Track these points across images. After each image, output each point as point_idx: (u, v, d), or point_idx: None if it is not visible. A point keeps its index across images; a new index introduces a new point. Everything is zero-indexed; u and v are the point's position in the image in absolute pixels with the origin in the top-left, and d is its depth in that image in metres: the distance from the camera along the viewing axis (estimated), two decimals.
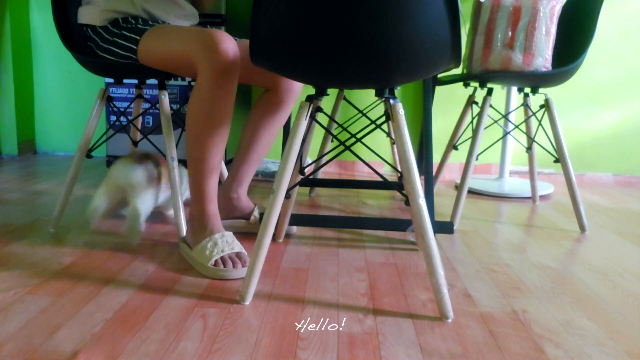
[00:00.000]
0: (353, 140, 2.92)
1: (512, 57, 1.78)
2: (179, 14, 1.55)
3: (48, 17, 2.88)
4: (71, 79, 2.92)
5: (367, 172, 2.79)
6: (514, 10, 1.77)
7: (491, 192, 2.34)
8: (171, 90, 2.25)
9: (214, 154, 1.34)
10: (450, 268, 1.42)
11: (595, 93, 2.73)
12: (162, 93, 1.58)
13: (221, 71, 1.26)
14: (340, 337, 1.02)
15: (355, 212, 1.96)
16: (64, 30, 1.61)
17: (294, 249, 1.52)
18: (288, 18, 1.06)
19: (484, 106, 1.83)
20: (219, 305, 1.14)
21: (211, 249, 1.31)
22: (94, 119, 1.59)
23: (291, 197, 1.53)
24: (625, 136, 2.76)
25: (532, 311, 1.17)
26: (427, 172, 1.64)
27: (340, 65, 1.08)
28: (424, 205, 1.13)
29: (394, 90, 1.19)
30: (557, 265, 1.47)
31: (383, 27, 1.01)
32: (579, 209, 1.82)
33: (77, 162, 1.59)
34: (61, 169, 2.57)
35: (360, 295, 1.22)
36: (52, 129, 2.97)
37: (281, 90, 1.55)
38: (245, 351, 0.96)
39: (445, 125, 2.80)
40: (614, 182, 2.77)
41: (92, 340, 0.97)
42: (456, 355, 0.97)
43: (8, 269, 1.30)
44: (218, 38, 1.26)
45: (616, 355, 0.99)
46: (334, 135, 1.41)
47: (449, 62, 1.11)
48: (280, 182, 1.17)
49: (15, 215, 1.76)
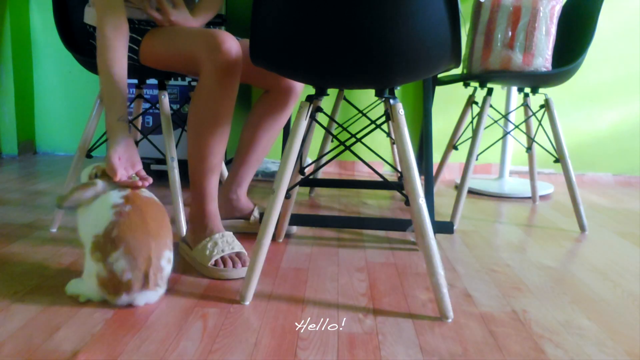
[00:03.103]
0: (353, 140, 2.92)
1: (512, 57, 1.78)
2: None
3: (48, 17, 2.88)
4: (71, 79, 2.92)
5: (367, 172, 2.79)
6: (514, 10, 1.77)
7: (491, 192, 2.34)
8: (171, 90, 2.25)
9: (214, 154, 1.34)
10: (450, 268, 1.42)
11: (595, 93, 2.73)
12: (162, 93, 1.58)
13: (224, 70, 1.26)
14: (340, 337, 1.02)
15: (355, 212, 1.96)
16: (64, 30, 1.62)
17: (294, 249, 1.52)
18: (288, 18, 1.06)
19: (484, 106, 1.83)
20: (219, 305, 1.14)
21: (211, 248, 1.31)
22: (94, 119, 1.59)
23: (291, 197, 1.53)
24: (625, 136, 2.76)
25: (532, 311, 1.17)
26: (427, 172, 1.64)
27: (340, 65, 1.08)
28: (424, 205, 1.13)
29: (394, 90, 1.19)
30: (557, 265, 1.47)
31: (383, 27, 1.01)
32: (579, 209, 1.82)
33: (77, 162, 1.59)
34: (61, 169, 2.57)
35: (360, 295, 1.22)
36: (52, 129, 2.97)
37: (281, 92, 1.55)
38: (245, 351, 0.96)
39: (445, 125, 2.80)
40: (614, 182, 2.77)
41: (92, 340, 0.97)
42: (456, 355, 0.97)
43: (8, 269, 1.30)
44: (221, 38, 1.26)
45: (616, 355, 0.99)
46: (334, 135, 1.41)
47: (449, 62, 1.11)
48: (280, 182, 1.17)
49: (15, 215, 1.76)
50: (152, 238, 1.11)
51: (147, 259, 1.10)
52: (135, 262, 1.09)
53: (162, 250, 1.13)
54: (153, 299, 1.15)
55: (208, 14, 1.54)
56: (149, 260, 1.10)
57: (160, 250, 1.12)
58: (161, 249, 1.13)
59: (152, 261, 1.10)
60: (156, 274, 1.12)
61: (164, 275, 1.14)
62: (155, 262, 1.11)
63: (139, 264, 1.09)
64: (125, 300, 1.11)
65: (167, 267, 1.15)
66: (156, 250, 1.11)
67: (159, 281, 1.13)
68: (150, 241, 1.11)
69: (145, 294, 1.12)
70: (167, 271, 1.15)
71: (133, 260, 1.09)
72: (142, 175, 1.27)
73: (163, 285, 1.15)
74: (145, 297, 1.12)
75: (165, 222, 1.17)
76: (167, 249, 1.15)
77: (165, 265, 1.14)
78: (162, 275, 1.13)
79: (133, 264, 1.09)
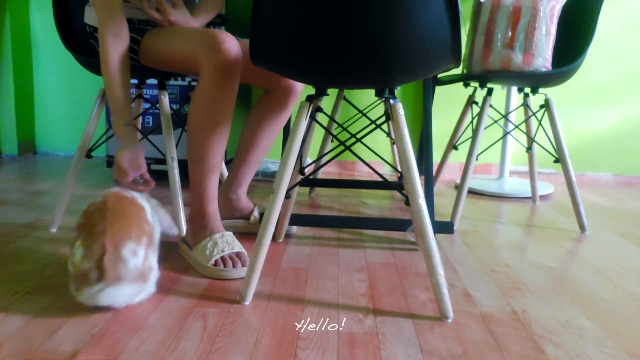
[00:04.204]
0: (353, 140, 2.92)
1: (512, 57, 1.78)
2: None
3: (48, 17, 2.88)
4: (71, 79, 2.92)
5: (367, 172, 2.79)
6: (514, 10, 1.77)
7: (491, 192, 2.34)
8: (171, 90, 2.25)
9: (214, 153, 1.34)
10: (450, 268, 1.42)
11: (595, 93, 2.73)
12: (162, 93, 1.58)
13: (223, 70, 1.26)
14: (340, 337, 1.02)
15: (355, 212, 1.96)
16: (64, 31, 1.62)
17: (294, 249, 1.52)
18: (288, 18, 1.06)
19: (484, 106, 1.83)
20: (219, 305, 1.14)
21: (211, 248, 1.31)
22: (94, 119, 1.59)
23: (291, 197, 1.53)
24: (625, 136, 2.76)
25: (532, 311, 1.17)
26: (427, 172, 1.64)
27: (340, 65, 1.08)
28: (424, 205, 1.13)
29: (394, 90, 1.19)
30: (557, 265, 1.47)
31: (383, 27, 1.01)
32: (579, 209, 1.82)
33: (77, 162, 1.59)
34: (61, 169, 2.57)
35: (360, 295, 1.22)
36: (52, 129, 2.97)
37: (281, 92, 1.55)
38: (245, 351, 0.96)
39: (445, 125, 2.80)
40: (614, 182, 2.77)
41: (92, 340, 0.97)
42: (456, 355, 0.97)
43: (8, 269, 1.30)
44: (221, 38, 1.26)
45: (616, 355, 0.99)
46: (334, 135, 1.41)
47: (449, 62, 1.11)
48: (280, 182, 1.17)
49: (15, 215, 1.76)
50: (110, 224, 1.03)
51: (101, 246, 1.01)
52: (90, 249, 1.02)
53: (123, 239, 1.04)
54: (120, 299, 1.04)
55: (208, 15, 1.54)
56: (103, 247, 1.01)
57: (120, 239, 1.03)
58: (121, 238, 1.04)
59: (106, 248, 1.01)
60: (115, 264, 1.01)
61: (128, 267, 1.03)
62: (111, 250, 1.02)
63: (93, 251, 1.01)
64: (88, 296, 1.03)
65: (131, 259, 1.04)
66: (113, 237, 1.03)
67: (120, 273, 1.02)
68: (105, 227, 1.03)
69: (108, 292, 1.02)
70: (134, 264, 1.04)
71: (88, 248, 1.02)
72: (146, 178, 1.31)
73: (132, 280, 1.04)
74: (109, 295, 1.02)
75: (133, 215, 1.09)
76: (131, 239, 1.05)
77: (128, 256, 1.03)
78: (127, 267, 1.03)
79: (88, 252, 1.02)
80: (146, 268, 1.07)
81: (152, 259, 1.11)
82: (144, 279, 1.07)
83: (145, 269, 1.07)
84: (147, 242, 1.09)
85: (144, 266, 1.06)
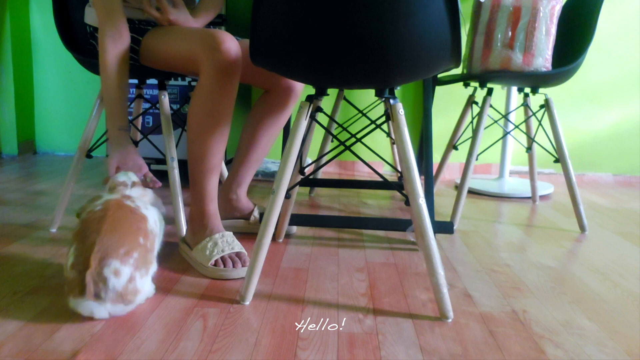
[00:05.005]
0: (353, 140, 2.92)
1: (512, 57, 1.78)
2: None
3: (48, 17, 2.88)
4: (71, 79, 2.92)
5: (367, 172, 2.79)
6: (514, 10, 1.77)
7: (491, 192, 2.34)
8: (171, 90, 2.25)
9: (214, 153, 1.34)
10: (450, 268, 1.42)
11: (595, 93, 2.73)
12: (162, 93, 1.58)
13: (223, 70, 1.26)
14: (340, 337, 1.02)
15: (355, 212, 1.96)
16: (64, 31, 1.62)
17: (294, 249, 1.52)
18: (288, 18, 1.06)
19: (484, 106, 1.83)
20: (219, 305, 1.14)
21: (211, 248, 1.31)
22: (94, 119, 1.59)
23: (291, 197, 1.53)
24: (625, 136, 2.76)
25: (532, 311, 1.17)
26: (427, 172, 1.64)
27: (340, 65, 1.08)
28: (424, 205, 1.13)
29: (394, 90, 1.19)
30: (557, 265, 1.47)
31: (383, 27, 1.01)
32: (579, 209, 1.82)
33: (77, 162, 1.59)
34: (61, 169, 2.57)
35: (360, 295, 1.22)
36: (52, 129, 2.97)
37: (281, 92, 1.55)
38: (245, 351, 0.96)
39: (445, 125, 2.80)
40: (614, 182, 2.77)
41: (92, 340, 0.97)
42: (456, 355, 0.97)
43: (8, 269, 1.30)
44: (220, 38, 1.26)
45: (616, 355, 0.99)
46: (334, 135, 1.41)
47: (449, 62, 1.11)
48: (280, 182, 1.17)
49: (15, 215, 1.76)
50: (100, 238, 1.01)
51: (85, 259, 1.00)
52: (78, 260, 1.01)
53: (108, 257, 1.00)
54: (99, 314, 1.02)
55: (209, 15, 1.54)
56: (87, 262, 0.99)
57: (105, 256, 1.00)
58: (107, 255, 1.00)
59: (90, 263, 0.99)
60: (95, 281, 0.99)
61: (107, 288, 0.99)
62: (94, 266, 0.99)
63: (79, 263, 1.00)
64: (73, 304, 1.02)
65: (112, 279, 0.99)
66: (99, 252, 1.00)
67: (99, 292, 0.99)
68: (94, 241, 1.01)
69: (87, 305, 1.00)
70: (112, 286, 1.00)
71: (77, 257, 1.01)
72: (151, 178, 1.33)
73: (110, 300, 1.01)
74: (88, 309, 1.01)
75: (129, 228, 1.06)
76: (116, 258, 1.01)
77: (109, 275, 0.99)
78: (106, 288, 0.99)
79: (77, 261, 1.01)
80: (128, 291, 1.02)
81: (139, 282, 1.04)
82: (125, 301, 1.03)
83: (127, 292, 1.02)
84: (137, 259, 1.04)
85: (125, 289, 1.02)
